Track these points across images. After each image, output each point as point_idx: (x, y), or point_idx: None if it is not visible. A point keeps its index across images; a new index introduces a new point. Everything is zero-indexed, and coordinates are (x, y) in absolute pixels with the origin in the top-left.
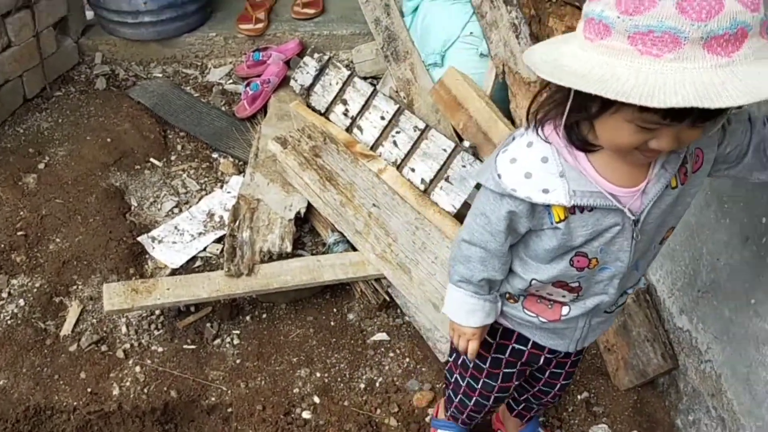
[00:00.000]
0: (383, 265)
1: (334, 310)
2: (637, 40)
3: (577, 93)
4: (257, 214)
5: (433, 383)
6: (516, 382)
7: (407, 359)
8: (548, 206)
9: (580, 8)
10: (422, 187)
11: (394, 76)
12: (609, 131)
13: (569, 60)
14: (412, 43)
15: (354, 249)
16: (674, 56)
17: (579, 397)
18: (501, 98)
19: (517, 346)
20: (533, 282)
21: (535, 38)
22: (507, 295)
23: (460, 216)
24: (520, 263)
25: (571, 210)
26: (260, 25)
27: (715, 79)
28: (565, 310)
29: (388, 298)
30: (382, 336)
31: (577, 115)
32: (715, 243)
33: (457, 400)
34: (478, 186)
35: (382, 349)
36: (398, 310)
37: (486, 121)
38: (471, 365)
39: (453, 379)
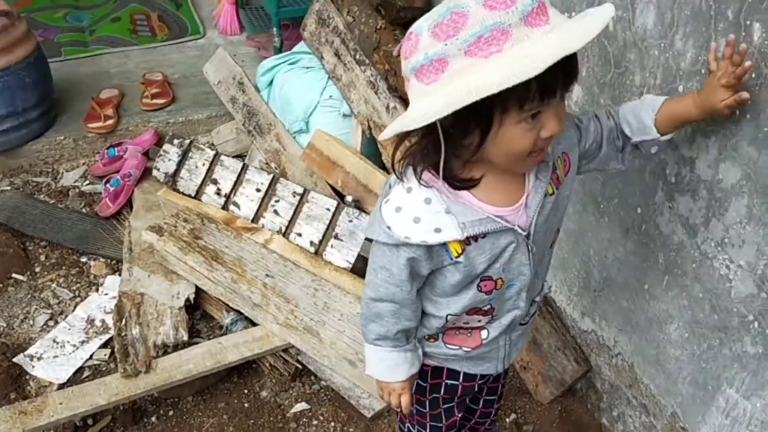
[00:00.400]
0: (289, 333)
1: (245, 390)
2: (474, 51)
3: (449, 132)
4: (143, 308)
5: None
6: (460, 414)
7: (332, 423)
8: (444, 244)
9: None
10: (313, 250)
11: (261, 149)
12: (504, 144)
13: (432, 105)
14: (273, 114)
15: (254, 324)
16: (511, 44)
17: (508, 420)
18: (369, 153)
19: (449, 381)
20: (449, 317)
21: (394, 90)
22: (426, 336)
23: (356, 270)
24: (431, 304)
25: (466, 242)
26: (110, 122)
27: (553, 40)
28: (484, 333)
29: (300, 366)
30: (301, 406)
31: (457, 151)
32: (600, 242)
33: None
34: (370, 240)
35: (305, 420)
36: (313, 377)
37: (364, 174)
38: (416, 413)
39: (406, 429)
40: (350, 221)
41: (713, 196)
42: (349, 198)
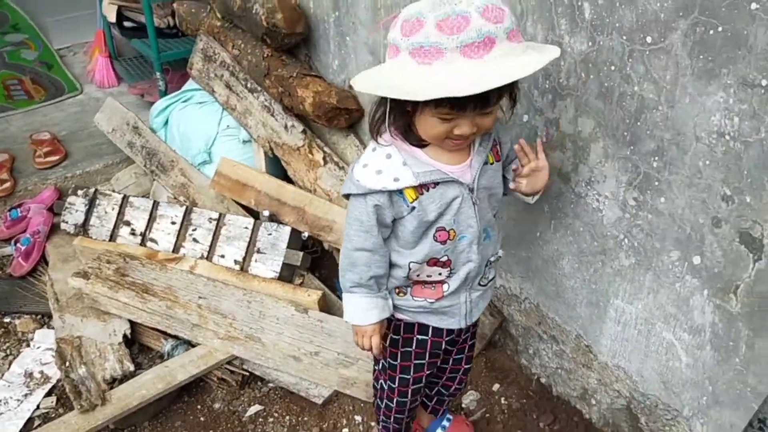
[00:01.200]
0: (231, 345)
1: (199, 406)
2: (415, 54)
3: (393, 103)
4: (84, 349)
5: (319, 425)
6: (428, 372)
7: (287, 417)
8: (401, 192)
9: (318, 76)
10: (238, 267)
11: (167, 185)
12: (423, 126)
13: (374, 73)
14: (174, 151)
15: (194, 346)
16: (440, 63)
17: None
18: (273, 172)
19: (420, 336)
20: (411, 265)
21: (290, 110)
22: (397, 290)
23: (283, 278)
24: (396, 254)
25: (419, 190)
26: (6, 185)
27: (467, 76)
28: (445, 286)
29: (247, 374)
30: (255, 408)
31: (400, 119)
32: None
33: (383, 405)
34: (347, 197)
35: (260, 419)
36: (260, 381)
37: (275, 190)
38: (388, 367)
39: (379, 386)
40: (269, 234)
41: (577, 146)
42: (265, 213)
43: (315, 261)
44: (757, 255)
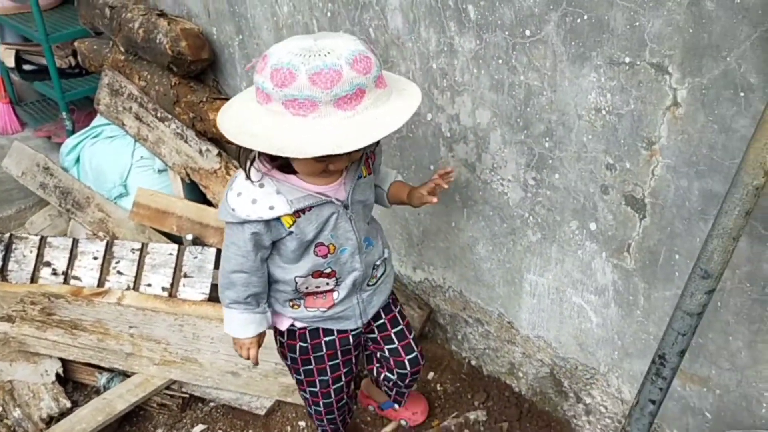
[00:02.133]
0: (168, 369)
1: None
2: (289, 105)
3: None
4: (16, 392)
5: None
6: (345, 370)
7: None
8: (278, 219)
9: (228, 98)
10: (166, 294)
11: (85, 222)
12: (298, 166)
13: (249, 122)
14: (89, 188)
15: (129, 376)
16: (315, 115)
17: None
18: (192, 197)
19: (326, 339)
20: (297, 279)
21: (203, 134)
22: (291, 304)
23: (214, 299)
24: (280, 270)
25: (296, 215)
26: None
27: (343, 129)
28: (335, 294)
29: (186, 396)
30: (199, 428)
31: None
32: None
33: (314, 412)
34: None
35: None
36: (201, 402)
37: (196, 214)
38: (303, 376)
39: (303, 398)
40: (195, 257)
41: (478, 136)
42: (188, 237)
43: None
44: (641, 214)
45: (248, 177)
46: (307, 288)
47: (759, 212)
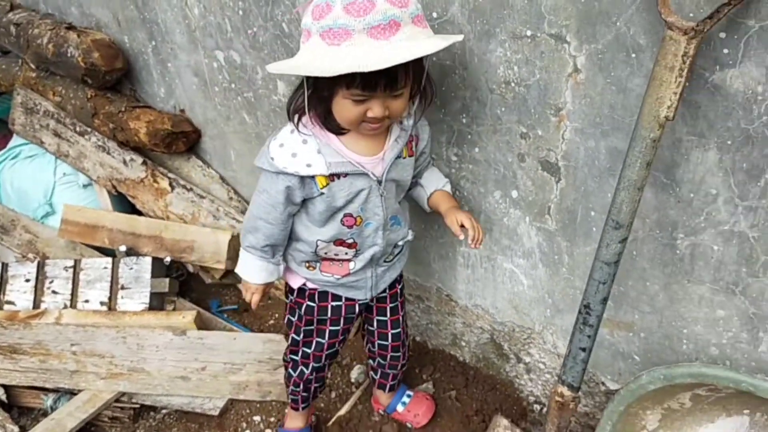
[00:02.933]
0: (116, 382)
1: None
2: (325, 36)
3: (311, 89)
4: None
5: None
6: (341, 338)
7: None
8: (313, 177)
9: (147, 106)
10: (105, 308)
11: (12, 246)
12: (338, 110)
13: (292, 60)
14: (12, 211)
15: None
16: (348, 43)
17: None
18: (120, 209)
19: (334, 303)
20: (319, 243)
21: (125, 144)
22: (306, 264)
23: (154, 306)
24: (305, 229)
25: (331, 178)
26: None
27: (373, 54)
28: (351, 264)
29: (138, 406)
30: None
31: (318, 105)
32: None
33: (296, 374)
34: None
35: None
36: (152, 410)
37: (127, 224)
38: (302, 336)
39: (290, 360)
40: (131, 268)
41: None
42: (121, 249)
43: (184, 285)
44: (557, 177)
45: (296, 128)
46: (326, 253)
47: (660, 163)
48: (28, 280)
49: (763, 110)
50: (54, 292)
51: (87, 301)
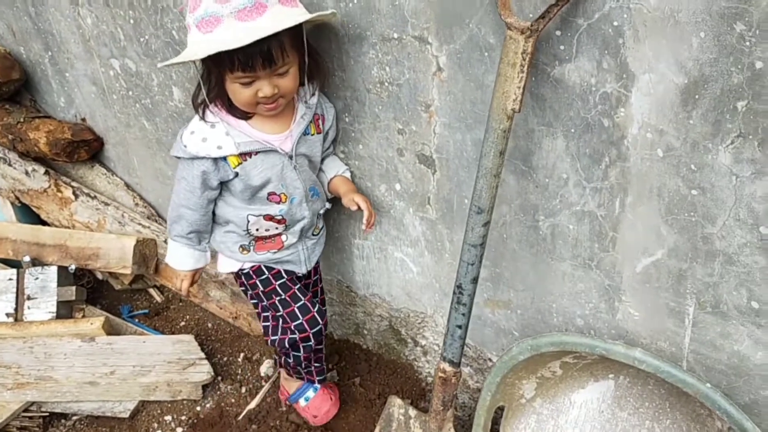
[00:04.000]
0: (23, 392)
1: None
2: (200, 26)
3: (206, 79)
4: None
5: None
6: (316, 309)
7: None
8: (225, 159)
9: (47, 116)
10: (12, 320)
11: None
12: (233, 95)
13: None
14: None
15: None
16: (220, 29)
17: (239, 359)
18: (27, 219)
19: (280, 281)
20: (250, 217)
21: (26, 155)
22: (241, 249)
23: (62, 315)
24: (232, 210)
25: (243, 158)
26: None
27: (239, 35)
28: (284, 237)
29: (47, 414)
30: None
31: (217, 93)
32: None
33: (288, 342)
34: (178, 157)
35: None
36: (63, 417)
37: (31, 235)
38: (281, 309)
39: (275, 338)
40: (36, 278)
41: None
42: (25, 259)
43: (94, 293)
44: (432, 169)
45: (202, 118)
46: (257, 230)
47: (518, 152)
48: None
49: (598, 100)
50: None
51: None
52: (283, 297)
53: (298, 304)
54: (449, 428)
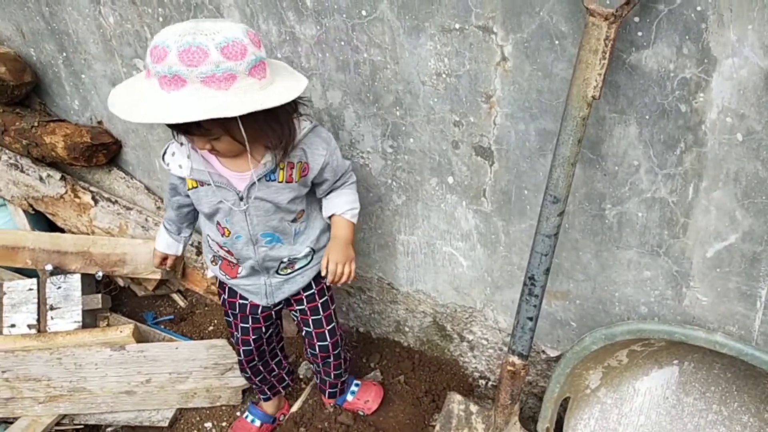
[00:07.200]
0: (56, 405)
1: None
2: (162, 82)
3: None
4: None
5: None
6: (254, 337)
7: None
8: (183, 179)
9: (62, 120)
10: (35, 331)
11: None
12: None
13: (136, 94)
14: None
15: (12, 422)
16: (187, 92)
17: None
18: (40, 227)
19: (241, 301)
20: (208, 237)
21: (41, 160)
22: (212, 259)
23: (88, 324)
24: (202, 222)
25: (199, 183)
26: None
27: (155, 110)
28: (239, 269)
29: (81, 427)
30: None
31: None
32: None
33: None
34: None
35: None
36: (98, 429)
37: (50, 242)
38: (231, 320)
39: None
40: (59, 288)
41: (332, 116)
42: (47, 268)
43: (115, 300)
44: (490, 161)
45: (174, 138)
46: (218, 251)
47: (586, 141)
48: None
49: (676, 85)
50: None
51: (13, 325)
52: (230, 320)
53: (239, 331)
54: (515, 422)
